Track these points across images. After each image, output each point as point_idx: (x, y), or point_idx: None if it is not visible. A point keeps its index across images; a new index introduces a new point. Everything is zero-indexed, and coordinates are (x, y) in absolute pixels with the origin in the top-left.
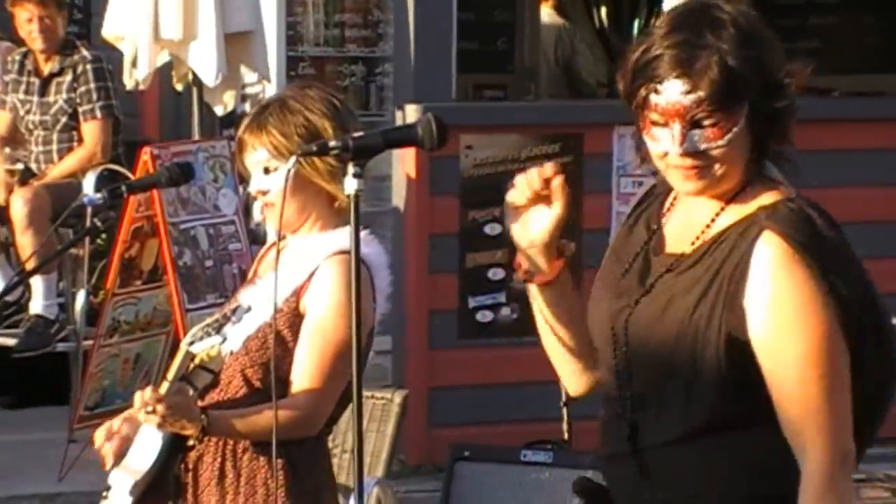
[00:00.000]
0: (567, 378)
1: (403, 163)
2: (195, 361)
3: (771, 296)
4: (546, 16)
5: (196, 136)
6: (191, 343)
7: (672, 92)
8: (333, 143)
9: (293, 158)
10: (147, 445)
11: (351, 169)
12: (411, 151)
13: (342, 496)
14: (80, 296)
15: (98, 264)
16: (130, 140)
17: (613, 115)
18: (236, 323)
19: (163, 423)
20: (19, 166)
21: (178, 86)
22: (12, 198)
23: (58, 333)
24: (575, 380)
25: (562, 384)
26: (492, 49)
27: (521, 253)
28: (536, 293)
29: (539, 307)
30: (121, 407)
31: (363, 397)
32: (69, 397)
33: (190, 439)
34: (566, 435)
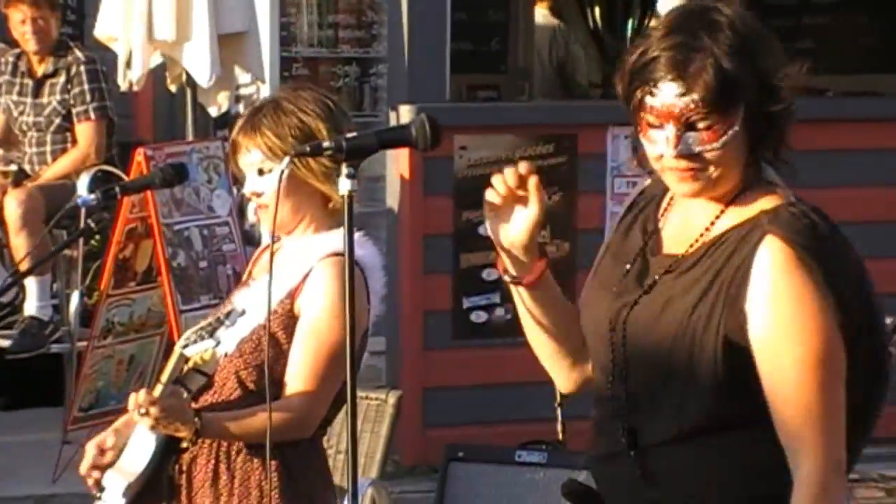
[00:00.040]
0: (556, 376)
1: (397, 163)
2: (189, 364)
3: (773, 299)
4: (541, 17)
5: (190, 137)
6: (184, 346)
7: (667, 94)
8: (327, 144)
9: (286, 159)
10: (141, 447)
11: (344, 169)
12: (405, 152)
13: (337, 497)
14: (74, 297)
15: (92, 265)
16: (124, 141)
17: (607, 116)
18: (230, 326)
19: (156, 426)
20: (13, 168)
21: (172, 87)
22: (6, 199)
23: (52, 335)
24: (564, 377)
25: (555, 384)
26: (485, 49)
27: (503, 254)
28: (520, 294)
29: (523, 308)
30: (115, 408)
31: (357, 398)
32: (63, 398)
33: (184, 441)
34: (560, 435)
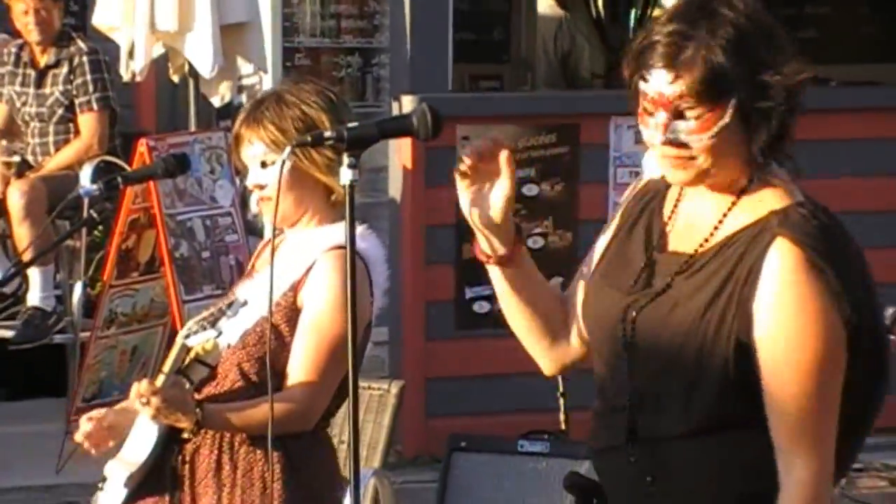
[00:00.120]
0: (537, 356)
1: (400, 154)
2: (191, 355)
3: (779, 302)
4: (546, 7)
5: (192, 128)
6: (186, 336)
7: (657, 81)
8: (328, 134)
9: (288, 148)
10: (143, 437)
11: (346, 159)
12: (407, 143)
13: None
14: (77, 287)
15: (95, 256)
16: (127, 132)
17: (610, 106)
18: (232, 317)
19: (157, 416)
20: (16, 158)
21: (175, 77)
22: (9, 190)
23: (55, 325)
24: (544, 357)
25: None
26: (488, 39)
27: (478, 234)
28: (497, 274)
29: (500, 287)
30: (118, 399)
31: (360, 388)
32: (66, 389)
33: (185, 432)
34: (563, 425)
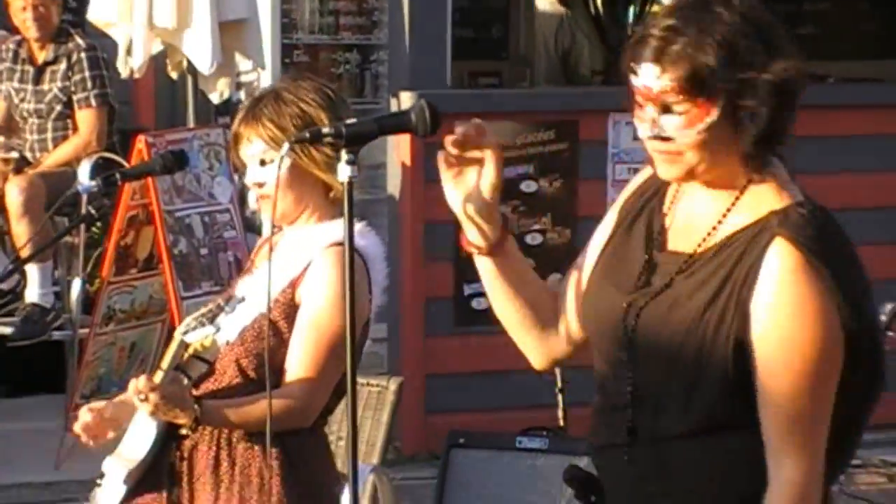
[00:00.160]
0: (526, 349)
1: (399, 151)
2: (189, 351)
3: (778, 302)
4: (546, 4)
5: (191, 125)
6: (185, 332)
7: (645, 75)
8: (327, 130)
9: (286, 146)
10: (141, 434)
11: (344, 156)
12: (406, 139)
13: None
14: (76, 284)
15: (93, 253)
16: (125, 128)
17: (608, 102)
18: (230, 313)
19: (155, 412)
20: (14, 155)
21: (173, 74)
22: (7, 186)
23: (53, 322)
24: (534, 350)
25: (556, 371)
26: (487, 36)
27: (465, 225)
28: (484, 264)
29: (488, 278)
30: (116, 395)
31: (358, 384)
32: (65, 386)
33: (183, 429)
34: (561, 422)
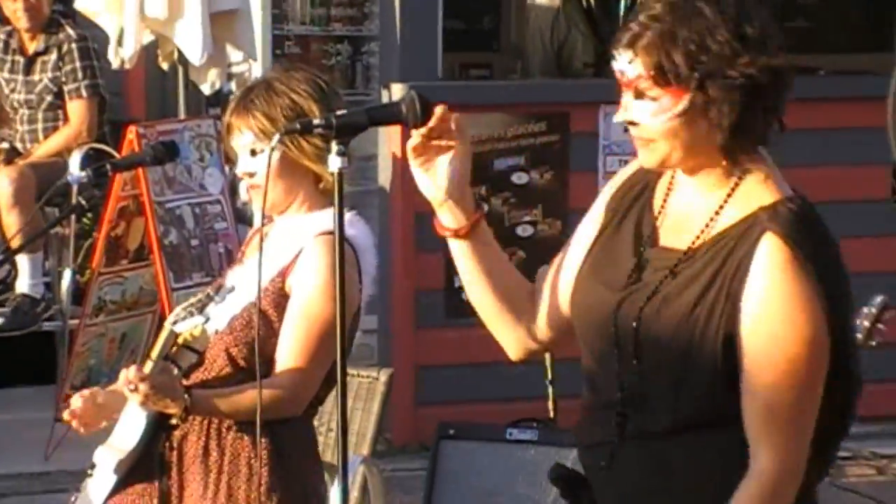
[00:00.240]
0: (501, 337)
1: (389, 142)
2: (179, 341)
3: (766, 297)
4: None
5: (182, 115)
6: (174, 322)
7: (620, 61)
8: (317, 121)
9: (276, 137)
10: (132, 424)
11: (334, 147)
12: (397, 131)
13: (327, 475)
14: (66, 275)
15: (84, 243)
16: (116, 119)
17: (599, 94)
18: (219, 303)
19: (146, 402)
20: (4, 145)
21: (164, 65)
22: None
23: (44, 312)
24: (509, 338)
25: (546, 363)
26: (478, 28)
27: (437, 208)
28: (457, 247)
29: (461, 262)
30: (107, 386)
31: (349, 376)
32: (55, 376)
33: (173, 418)
34: (551, 413)
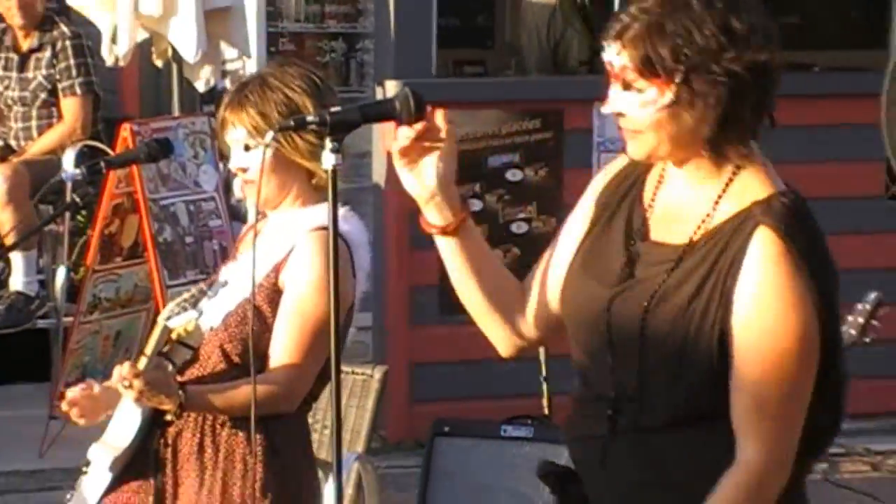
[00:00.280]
0: (491, 335)
1: (384, 139)
2: (173, 337)
3: (759, 290)
4: None
5: (176, 113)
6: (168, 318)
7: (609, 52)
8: (311, 118)
9: (270, 134)
10: (126, 421)
11: (328, 144)
12: (391, 128)
13: (322, 472)
14: (61, 272)
15: (78, 241)
16: (110, 117)
17: (594, 91)
18: (212, 297)
19: (140, 399)
20: None
21: (158, 62)
22: None
23: (38, 310)
24: (499, 335)
25: (540, 360)
26: (472, 25)
27: (423, 206)
28: (445, 245)
29: (449, 260)
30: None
31: (343, 373)
32: (50, 374)
33: (168, 415)
34: (546, 410)
